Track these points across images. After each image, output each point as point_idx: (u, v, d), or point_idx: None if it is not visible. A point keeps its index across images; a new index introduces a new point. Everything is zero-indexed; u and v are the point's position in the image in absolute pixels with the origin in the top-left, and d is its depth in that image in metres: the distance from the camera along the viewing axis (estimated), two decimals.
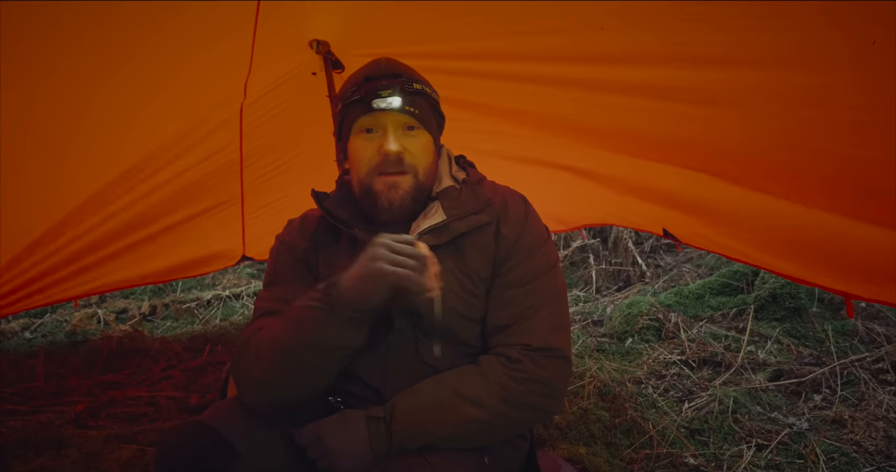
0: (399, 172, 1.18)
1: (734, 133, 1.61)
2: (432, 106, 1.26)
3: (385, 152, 1.17)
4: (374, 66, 1.25)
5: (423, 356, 1.18)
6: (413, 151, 1.19)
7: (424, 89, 1.24)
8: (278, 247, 1.34)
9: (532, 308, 1.16)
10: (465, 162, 1.35)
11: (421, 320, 1.16)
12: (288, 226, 1.38)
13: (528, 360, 1.11)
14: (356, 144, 1.22)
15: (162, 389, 2.72)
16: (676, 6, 1.32)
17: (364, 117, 1.19)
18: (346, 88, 1.25)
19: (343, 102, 1.24)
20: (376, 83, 1.18)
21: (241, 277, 4.86)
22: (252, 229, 3.10)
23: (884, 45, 1.13)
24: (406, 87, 1.19)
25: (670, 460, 2.06)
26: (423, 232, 1.17)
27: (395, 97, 1.17)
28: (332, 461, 1.05)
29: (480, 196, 1.24)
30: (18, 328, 3.74)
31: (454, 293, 1.16)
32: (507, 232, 1.21)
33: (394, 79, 1.20)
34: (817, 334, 3.07)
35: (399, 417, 1.08)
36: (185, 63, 1.91)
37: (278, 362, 1.09)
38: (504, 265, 1.19)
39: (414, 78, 1.24)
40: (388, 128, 1.18)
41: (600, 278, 4.53)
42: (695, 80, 1.50)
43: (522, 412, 1.13)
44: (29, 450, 2.11)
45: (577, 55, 1.64)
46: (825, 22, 1.19)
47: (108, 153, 2.16)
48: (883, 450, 2.09)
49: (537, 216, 1.28)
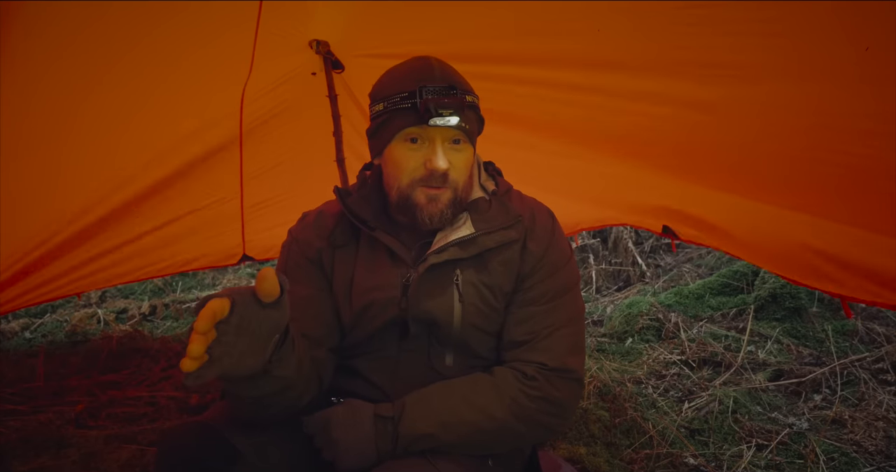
0: (441, 187, 1.14)
1: (735, 140, 1.61)
2: (479, 117, 1.21)
3: (433, 168, 1.11)
4: (427, 69, 1.15)
5: (434, 365, 1.17)
6: (457, 166, 1.15)
7: (475, 101, 1.17)
8: (290, 243, 1.27)
9: (551, 327, 1.15)
10: (493, 170, 1.32)
11: (437, 329, 1.16)
12: (302, 220, 1.31)
13: (543, 379, 1.11)
14: (400, 153, 1.14)
15: (162, 389, 2.72)
16: (677, 9, 1.32)
17: (414, 127, 1.12)
18: (391, 89, 1.15)
19: (388, 105, 1.14)
20: (436, 100, 1.09)
21: (241, 277, 4.86)
22: (251, 228, 3.10)
23: (876, 51, 1.13)
24: (464, 102, 1.12)
25: (670, 460, 2.06)
26: (451, 244, 1.15)
27: (455, 117, 1.09)
28: (336, 454, 1.05)
29: (510, 211, 1.21)
30: (18, 328, 3.74)
31: (474, 306, 1.15)
32: (534, 248, 1.19)
33: (451, 93, 1.11)
34: (817, 334, 3.08)
35: (407, 419, 1.07)
36: (185, 61, 1.91)
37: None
38: (527, 281, 1.18)
39: (467, 89, 1.16)
40: (437, 142, 1.12)
41: (600, 278, 4.53)
42: (696, 85, 1.50)
43: (531, 429, 1.12)
44: (29, 450, 2.11)
45: (580, 58, 1.63)
46: (829, 27, 1.19)
47: (106, 151, 2.16)
48: (883, 450, 2.09)
49: (563, 233, 1.26)
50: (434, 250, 1.16)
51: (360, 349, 1.20)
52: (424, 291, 1.15)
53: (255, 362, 0.90)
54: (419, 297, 1.15)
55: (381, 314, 1.16)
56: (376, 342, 1.19)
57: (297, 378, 1.04)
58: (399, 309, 1.15)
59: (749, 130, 1.54)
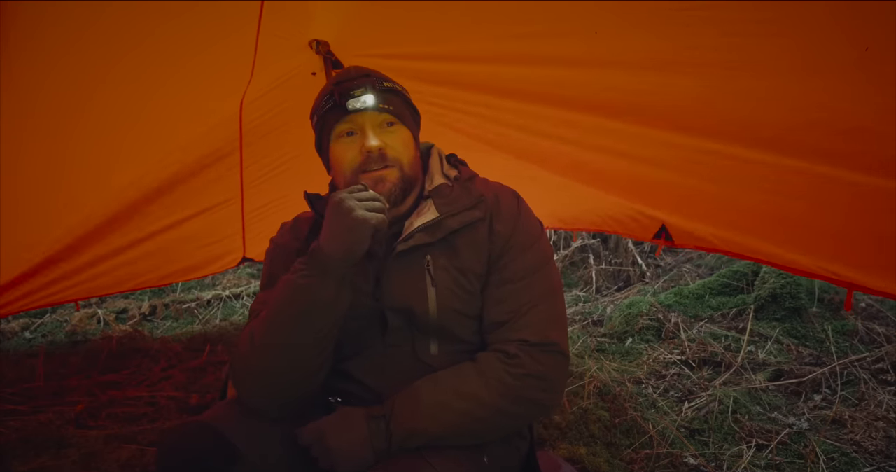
0: (384, 167, 1.19)
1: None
2: (406, 102, 1.28)
3: (367, 150, 1.17)
4: (344, 72, 1.28)
5: (420, 355, 1.18)
6: (394, 146, 1.21)
7: (395, 87, 1.25)
8: (272, 250, 1.35)
9: (528, 304, 1.16)
10: (456, 160, 1.36)
11: (415, 318, 1.17)
12: (281, 229, 1.40)
13: (525, 355, 1.12)
14: (338, 149, 1.22)
15: (162, 389, 2.72)
16: (674, 9, 1.32)
17: (342, 121, 1.20)
18: (318, 100, 1.27)
19: (318, 113, 1.26)
20: (347, 85, 1.20)
21: (241, 277, 4.87)
22: (252, 230, 3.10)
23: (875, 51, 1.13)
24: (377, 85, 1.21)
25: (670, 460, 2.06)
26: (417, 230, 1.18)
27: (369, 94, 1.19)
28: (333, 460, 1.06)
29: (472, 192, 1.24)
30: (18, 328, 3.74)
31: (449, 290, 1.17)
32: (501, 228, 1.21)
33: (364, 78, 1.22)
34: (817, 334, 3.08)
35: (398, 415, 1.08)
36: (186, 63, 1.91)
37: (276, 342, 1.10)
38: (499, 262, 1.19)
39: (383, 77, 1.26)
40: (367, 127, 1.19)
41: (600, 278, 4.53)
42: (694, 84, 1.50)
43: (521, 407, 1.13)
44: (29, 450, 2.11)
45: (581, 58, 1.63)
46: (828, 26, 1.19)
47: (107, 152, 2.16)
48: (883, 450, 2.09)
49: (530, 211, 1.28)
50: (401, 238, 1.18)
51: (348, 351, 1.21)
52: (396, 280, 1.18)
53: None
54: (392, 286, 1.18)
55: (359, 307, 1.17)
56: (362, 342, 1.20)
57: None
58: (374, 301, 1.18)
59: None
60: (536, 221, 1.28)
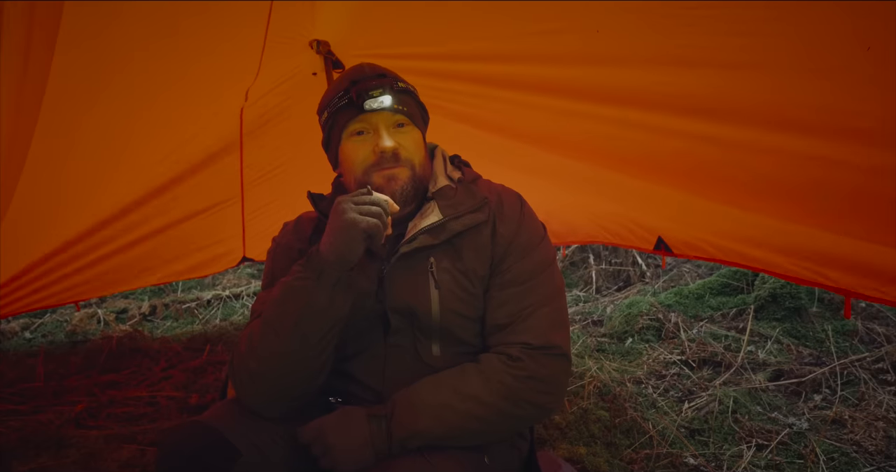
0: (395, 165, 1.19)
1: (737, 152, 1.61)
2: (418, 103, 1.29)
3: (381, 150, 1.18)
4: (358, 70, 1.27)
5: (422, 356, 1.18)
6: (407, 146, 1.22)
7: (409, 87, 1.26)
8: (274, 249, 1.35)
9: (531, 307, 1.16)
10: (459, 161, 1.36)
11: (418, 319, 1.16)
12: (283, 228, 1.40)
13: (528, 358, 1.12)
14: (350, 148, 1.22)
15: (162, 389, 2.72)
16: (674, 8, 1.32)
17: (355, 120, 1.20)
18: (330, 95, 1.27)
19: (330, 109, 1.25)
20: (365, 84, 1.20)
21: (241, 277, 4.87)
22: (252, 230, 3.10)
23: (877, 50, 1.13)
24: (394, 85, 1.22)
25: (670, 460, 2.06)
26: (421, 232, 1.17)
27: (386, 95, 1.19)
28: (333, 459, 1.06)
29: (476, 194, 1.24)
30: (18, 328, 3.74)
31: (452, 293, 1.17)
32: (504, 231, 1.21)
33: (381, 79, 1.22)
34: (817, 334, 3.07)
35: (399, 415, 1.08)
36: (191, 64, 1.91)
37: (272, 345, 1.10)
38: (502, 264, 1.19)
39: (398, 77, 1.26)
40: (381, 127, 1.20)
41: (600, 278, 4.53)
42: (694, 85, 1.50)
43: (523, 409, 1.13)
44: (29, 450, 2.11)
45: (581, 58, 1.63)
46: (827, 25, 1.19)
47: (109, 152, 2.16)
48: (883, 450, 2.09)
49: (533, 214, 1.28)
50: (405, 240, 1.18)
51: (349, 351, 1.21)
52: (400, 281, 1.18)
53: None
54: (395, 287, 1.18)
55: (361, 309, 1.17)
56: (364, 342, 1.20)
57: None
58: (377, 302, 1.18)
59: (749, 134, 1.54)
60: (539, 223, 1.28)
